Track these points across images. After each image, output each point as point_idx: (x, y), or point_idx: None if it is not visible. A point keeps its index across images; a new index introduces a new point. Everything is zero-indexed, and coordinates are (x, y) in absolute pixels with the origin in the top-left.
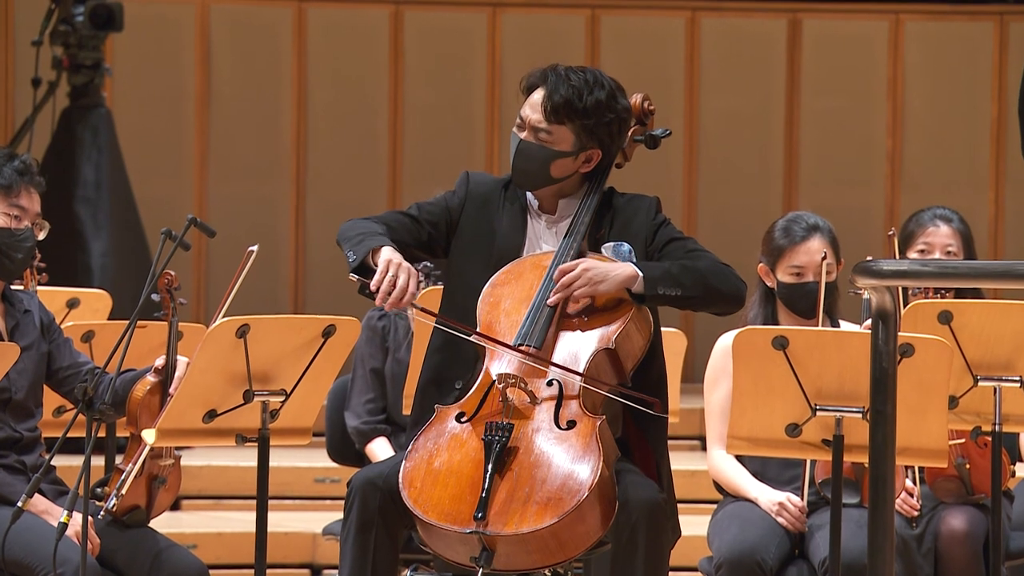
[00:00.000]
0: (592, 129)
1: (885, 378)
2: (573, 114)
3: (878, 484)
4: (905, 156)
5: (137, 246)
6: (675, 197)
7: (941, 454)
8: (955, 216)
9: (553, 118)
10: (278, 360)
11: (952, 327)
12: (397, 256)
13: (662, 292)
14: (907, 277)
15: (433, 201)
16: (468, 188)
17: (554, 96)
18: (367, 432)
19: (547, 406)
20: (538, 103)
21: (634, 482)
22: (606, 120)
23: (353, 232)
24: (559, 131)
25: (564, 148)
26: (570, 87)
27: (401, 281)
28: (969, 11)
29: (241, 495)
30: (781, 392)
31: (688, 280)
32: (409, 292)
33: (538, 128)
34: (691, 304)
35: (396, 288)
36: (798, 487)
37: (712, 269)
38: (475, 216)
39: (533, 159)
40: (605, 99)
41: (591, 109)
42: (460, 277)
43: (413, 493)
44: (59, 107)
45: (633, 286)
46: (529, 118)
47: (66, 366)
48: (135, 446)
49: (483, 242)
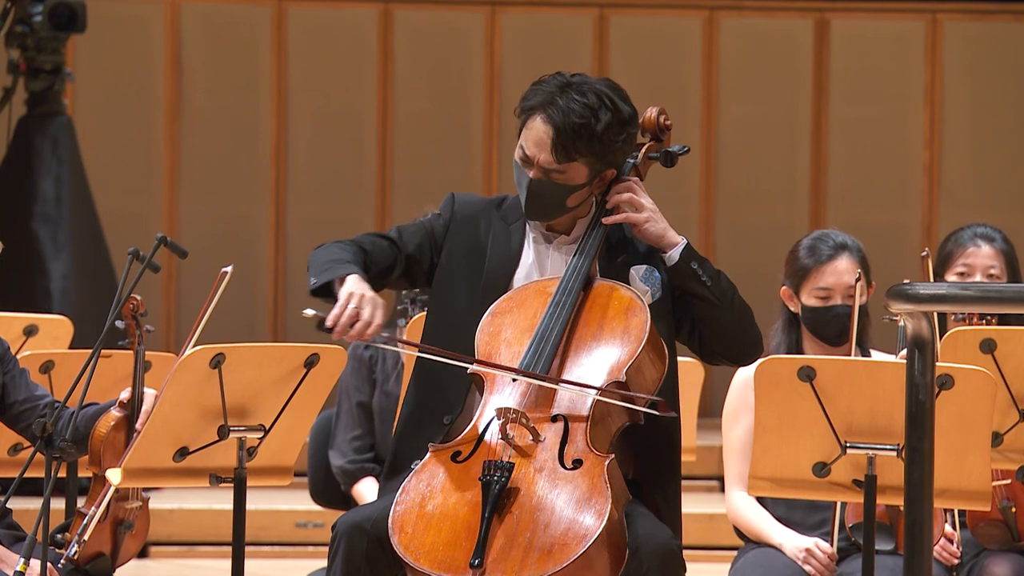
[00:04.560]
0: (605, 155)
1: (922, 412)
2: (585, 149)
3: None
4: (944, 169)
5: (101, 268)
6: (691, 214)
7: (984, 496)
8: (998, 235)
9: (564, 158)
10: (256, 393)
11: (995, 356)
12: (361, 286)
13: (695, 268)
14: (946, 302)
15: (416, 224)
16: (454, 209)
17: (561, 135)
18: (353, 472)
19: (551, 444)
20: (544, 141)
21: (646, 527)
22: (618, 142)
23: (322, 258)
24: (572, 167)
25: (580, 181)
26: (577, 119)
27: (366, 314)
28: (1014, 10)
29: (215, 541)
30: (808, 428)
31: (723, 284)
32: (373, 325)
33: (549, 168)
34: (708, 309)
35: (359, 322)
36: (827, 532)
37: (747, 306)
38: (462, 239)
39: (548, 196)
40: (613, 120)
41: (602, 137)
42: (444, 304)
43: (404, 538)
44: (15, 115)
45: (670, 250)
46: (537, 158)
47: (21, 400)
48: (99, 487)
49: (471, 266)
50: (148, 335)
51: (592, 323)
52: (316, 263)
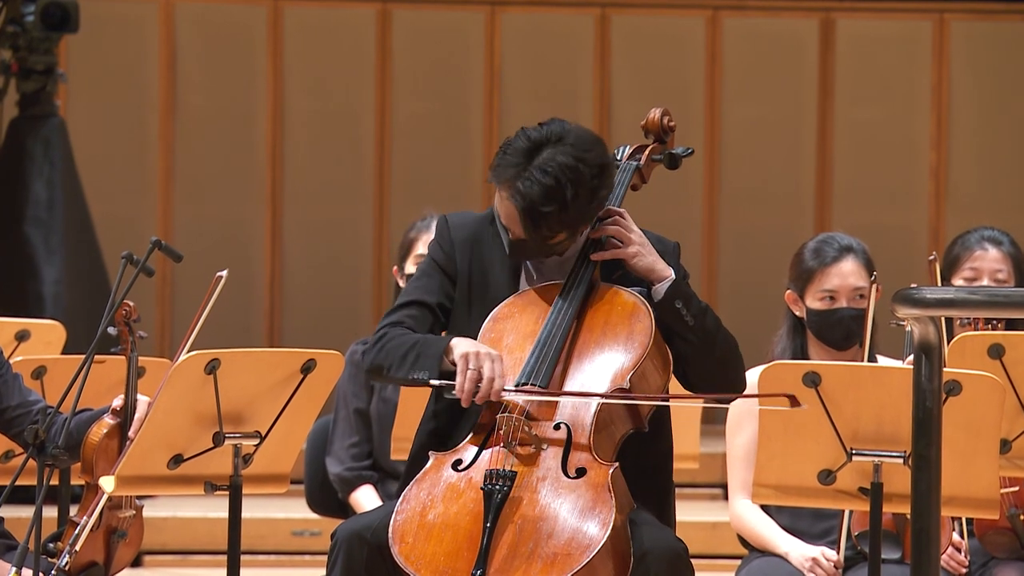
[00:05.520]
0: (579, 219)
1: (929, 419)
2: (556, 224)
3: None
4: (951, 171)
5: (94, 272)
6: (694, 217)
7: (992, 504)
8: (1006, 238)
9: (537, 235)
10: (252, 399)
11: (1004, 362)
12: (469, 344)
13: (679, 307)
14: (953, 306)
15: (424, 273)
16: (451, 236)
17: (529, 219)
18: (351, 479)
19: (554, 452)
20: (515, 219)
21: (651, 533)
22: (590, 208)
23: (399, 353)
24: (548, 235)
25: (561, 239)
26: (541, 207)
27: (487, 372)
28: (1023, 9)
29: (210, 550)
30: (813, 435)
31: (708, 324)
32: (497, 382)
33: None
34: (687, 347)
35: (483, 380)
36: (833, 541)
37: (732, 343)
38: (466, 264)
39: (531, 252)
40: (580, 193)
41: (570, 209)
42: (460, 324)
43: (404, 548)
44: (7, 117)
45: (658, 284)
46: (513, 230)
47: (14, 405)
48: (91, 495)
49: (478, 290)
50: (142, 341)
51: (595, 329)
52: (397, 359)
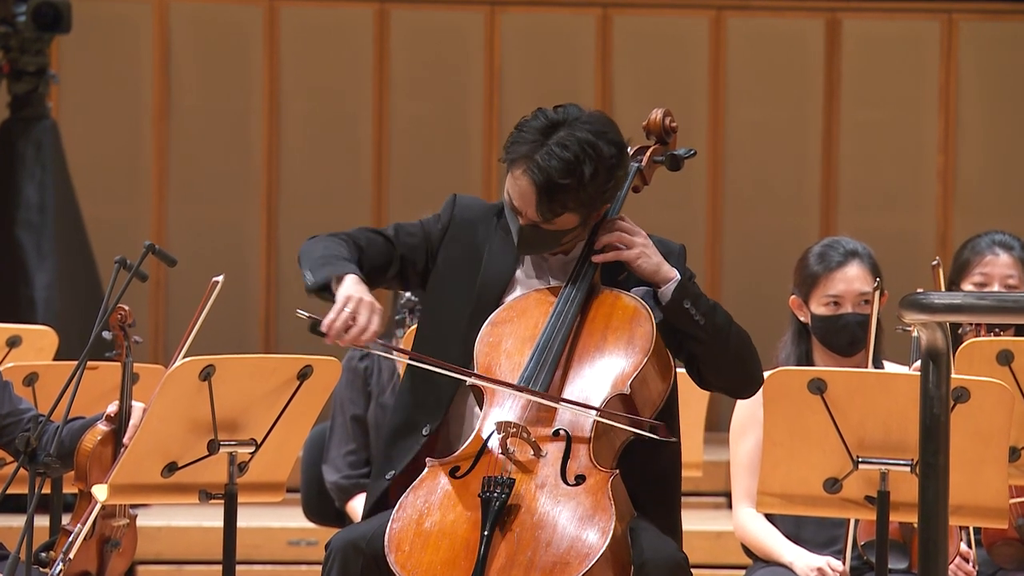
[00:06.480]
0: (593, 203)
1: (936, 426)
2: (571, 203)
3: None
4: (959, 174)
5: (87, 277)
6: (697, 221)
7: (1000, 513)
8: (1016, 243)
9: (550, 214)
10: (247, 406)
11: (1013, 368)
12: (360, 289)
13: (687, 307)
14: (961, 312)
15: (414, 224)
16: (453, 213)
17: (545, 193)
18: (348, 488)
19: (553, 459)
20: (529, 197)
21: (652, 542)
22: (607, 189)
23: (316, 252)
24: (561, 219)
25: (571, 226)
26: (559, 179)
27: (362, 320)
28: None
29: (205, 559)
30: (818, 442)
31: (718, 321)
32: (369, 332)
33: (538, 222)
34: (700, 347)
35: (354, 327)
36: (838, 550)
37: (746, 337)
38: (459, 244)
39: (539, 240)
40: (598, 170)
41: (588, 188)
42: (435, 311)
43: (401, 557)
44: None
45: (664, 286)
46: (525, 212)
47: (5, 413)
48: (84, 504)
49: (465, 274)
50: (136, 346)
51: (595, 333)
52: (310, 257)
